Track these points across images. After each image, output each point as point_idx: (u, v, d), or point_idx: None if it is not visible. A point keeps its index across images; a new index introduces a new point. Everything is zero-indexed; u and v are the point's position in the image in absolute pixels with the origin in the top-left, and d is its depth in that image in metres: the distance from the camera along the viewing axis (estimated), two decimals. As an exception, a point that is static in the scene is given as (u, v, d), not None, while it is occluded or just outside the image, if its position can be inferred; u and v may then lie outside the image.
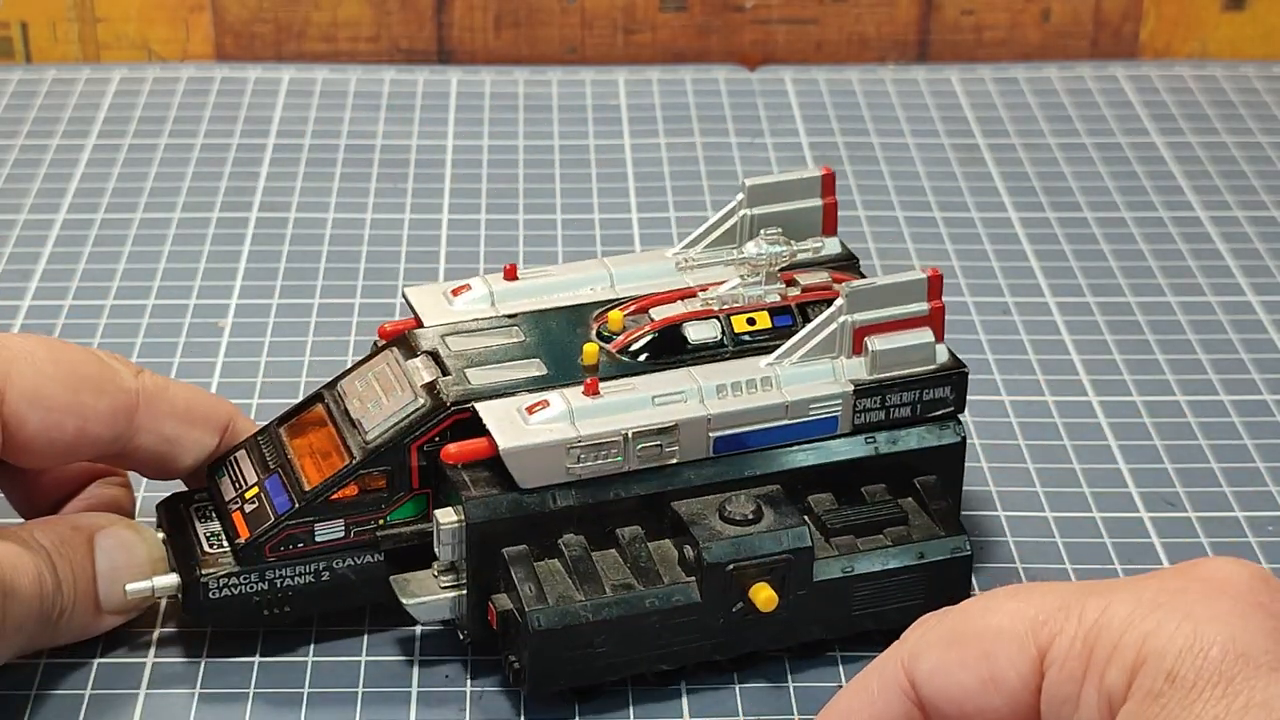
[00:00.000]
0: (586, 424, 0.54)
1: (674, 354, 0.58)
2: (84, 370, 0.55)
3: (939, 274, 0.57)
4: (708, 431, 0.55)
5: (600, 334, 0.58)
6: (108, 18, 0.96)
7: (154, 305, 0.76)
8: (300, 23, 0.97)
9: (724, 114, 0.92)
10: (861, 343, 0.57)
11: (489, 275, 0.61)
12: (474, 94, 0.94)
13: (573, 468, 0.54)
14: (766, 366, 0.57)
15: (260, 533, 0.55)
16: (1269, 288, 0.78)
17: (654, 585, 0.54)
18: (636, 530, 0.55)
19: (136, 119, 0.91)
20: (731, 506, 0.55)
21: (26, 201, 0.83)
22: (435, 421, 0.55)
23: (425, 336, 0.58)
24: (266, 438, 0.58)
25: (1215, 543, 0.62)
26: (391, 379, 0.57)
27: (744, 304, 0.59)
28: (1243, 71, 0.97)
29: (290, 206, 0.83)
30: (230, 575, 0.55)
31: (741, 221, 0.62)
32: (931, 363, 0.58)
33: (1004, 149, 0.89)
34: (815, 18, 0.98)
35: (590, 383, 0.55)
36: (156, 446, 0.57)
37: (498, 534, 0.54)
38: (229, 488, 0.57)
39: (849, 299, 0.56)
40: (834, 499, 0.57)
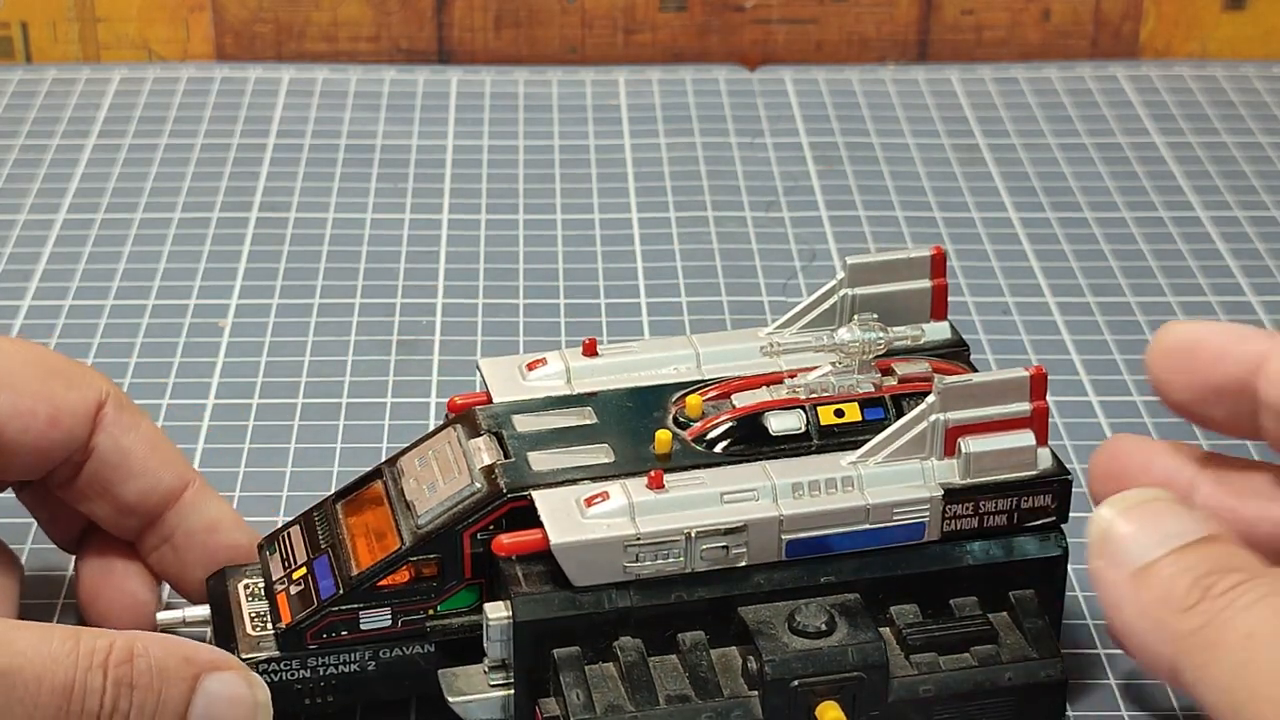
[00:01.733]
0: (647, 520, 0.51)
1: (754, 444, 0.53)
2: (53, 362, 0.54)
3: (1043, 372, 0.53)
4: (780, 533, 0.51)
5: (677, 420, 0.55)
6: (108, 18, 0.96)
7: (154, 305, 0.76)
8: (300, 23, 0.97)
9: (724, 114, 0.92)
10: (954, 444, 0.52)
11: (567, 350, 0.57)
12: (474, 94, 0.94)
13: (630, 566, 0.51)
14: (849, 465, 0.52)
15: (302, 618, 0.52)
16: (1269, 288, 0.78)
17: (712, 699, 0.50)
18: (699, 636, 0.51)
19: (136, 119, 0.91)
20: (802, 616, 0.51)
21: (26, 201, 0.83)
22: (490, 509, 0.52)
23: (491, 414, 0.55)
24: (322, 514, 0.55)
25: (1215, 543, 0.62)
26: (450, 459, 0.54)
27: (833, 394, 0.55)
28: (1243, 71, 0.97)
29: (290, 206, 0.83)
30: (270, 660, 0.52)
31: (841, 302, 0.57)
32: (1032, 468, 0.53)
33: (1004, 149, 0.89)
34: (815, 18, 0.98)
35: (655, 475, 0.51)
36: (110, 455, 0.54)
37: (548, 633, 0.51)
38: (278, 566, 0.54)
39: (941, 396, 0.52)
40: (919, 611, 0.53)
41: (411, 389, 0.70)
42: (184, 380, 0.71)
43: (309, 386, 0.71)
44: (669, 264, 0.79)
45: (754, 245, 0.81)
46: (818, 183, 0.86)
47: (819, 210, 0.83)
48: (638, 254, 0.80)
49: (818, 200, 0.84)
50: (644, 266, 0.79)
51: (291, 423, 0.68)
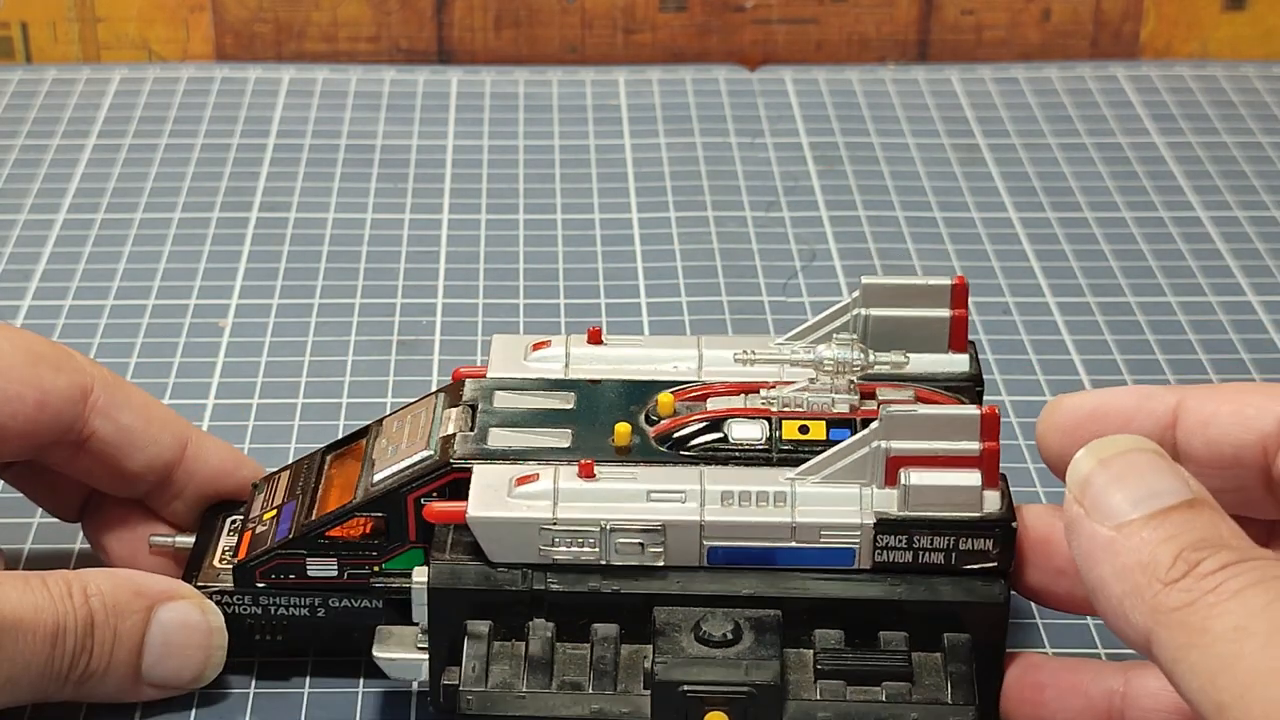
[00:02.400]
0: (567, 507, 0.51)
1: (713, 450, 0.53)
2: (40, 348, 0.55)
3: (995, 413, 0.51)
4: (700, 539, 0.51)
5: (649, 417, 0.54)
6: (108, 18, 0.96)
7: (154, 305, 0.76)
8: (300, 23, 0.97)
9: (724, 114, 0.92)
10: (896, 473, 0.51)
11: (574, 337, 0.58)
12: (474, 94, 0.94)
13: (546, 550, 0.51)
14: (785, 480, 0.51)
15: (253, 557, 0.55)
16: (1269, 288, 0.78)
17: (605, 691, 0.50)
18: (612, 629, 0.51)
19: (136, 119, 0.91)
20: (707, 625, 0.50)
21: (26, 201, 0.83)
22: (435, 476, 0.53)
23: (478, 387, 0.56)
24: (310, 463, 0.57)
25: (1215, 543, 0.62)
26: (420, 426, 0.55)
27: (805, 410, 0.53)
28: (1243, 71, 0.97)
29: (290, 206, 0.83)
30: (223, 593, 0.55)
31: (854, 320, 0.56)
32: (976, 509, 0.51)
33: (1004, 149, 0.89)
34: (815, 18, 0.98)
35: (585, 464, 0.52)
36: (112, 437, 0.56)
37: (463, 604, 0.51)
38: (257, 505, 0.57)
39: (885, 423, 0.51)
40: (843, 638, 0.51)
41: (411, 389, 0.70)
42: (184, 380, 0.71)
43: (309, 386, 0.71)
44: (669, 264, 0.79)
45: (754, 245, 0.81)
46: (818, 183, 0.86)
47: (819, 210, 0.83)
48: (638, 254, 0.80)
49: (818, 200, 0.84)
50: (644, 266, 0.79)
51: (292, 423, 0.68)
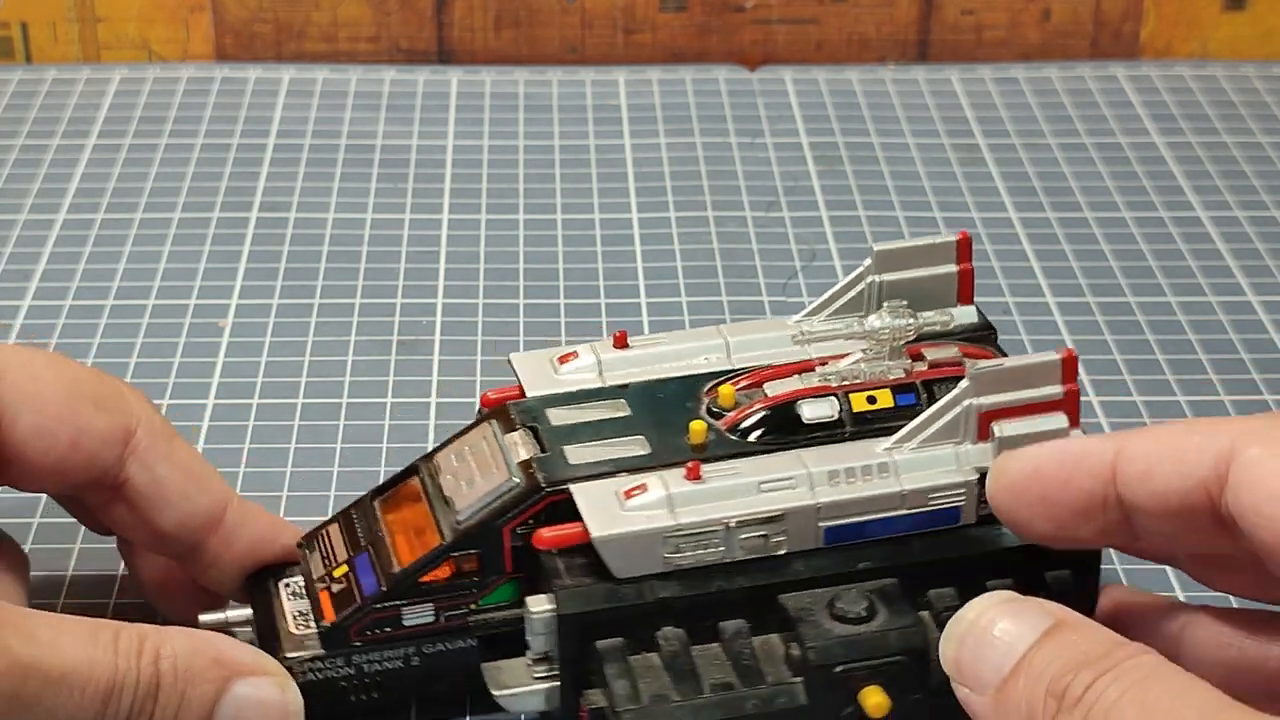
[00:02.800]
0: (686, 511, 0.51)
1: (787, 433, 0.54)
2: (84, 385, 0.53)
3: (1074, 355, 0.52)
4: (817, 521, 0.52)
5: (710, 410, 0.55)
6: (108, 18, 0.96)
7: (154, 305, 0.76)
8: (300, 23, 0.97)
9: (724, 114, 0.92)
10: (988, 428, 0.52)
11: (598, 343, 0.58)
12: (474, 94, 0.94)
13: (671, 557, 0.51)
14: (884, 451, 0.53)
15: (346, 616, 0.52)
16: (1269, 288, 0.78)
17: (756, 686, 0.50)
18: (740, 624, 0.51)
19: (136, 119, 0.91)
20: (842, 603, 0.51)
21: (26, 201, 0.83)
22: (530, 504, 0.52)
23: (525, 408, 0.55)
24: (360, 511, 0.55)
25: (1215, 543, 0.62)
26: (487, 454, 0.54)
27: (865, 380, 0.55)
28: (1243, 71, 0.97)
29: (290, 206, 0.83)
30: (315, 659, 0.52)
31: (869, 289, 0.57)
32: None
33: (1004, 149, 0.89)
34: (815, 18, 0.98)
35: (692, 466, 0.52)
36: (146, 488, 0.53)
37: (591, 625, 0.51)
38: (318, 564, 0.54)
39: (975, 381, 0.52)
40: (956, 594, 0.52)
41: (411, 389, 0.70)
42: (184, 380, 0.71)
43: (309, 386, 0.71)
44: (669, 264, 0.79)
45: (754, 245, 0.81)
46: (818, 183, 0.86)
47: (819, 210, 0.83)
48: (638, 254, 0.80)
49: (818, 200, 0.84)
50: (644, 266, 0.79)
51: (291, 423, 0.68)
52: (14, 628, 0.46)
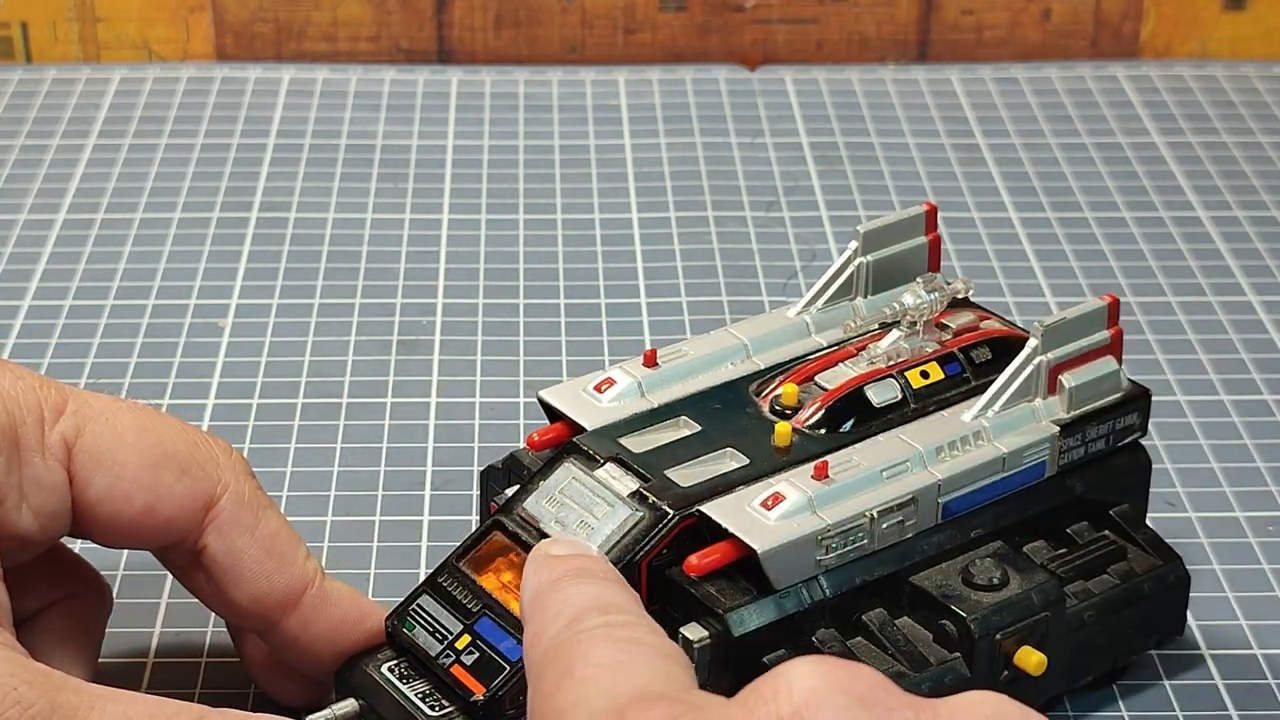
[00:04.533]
0: (830, 510, 0.51)
1: (861, 420, 0.55)
2: (170, 446, 0.50)
3: (1116, 299, 0.56)
4: (938, 498, 0.53)
5: (774, 409, 0.55)
6: (108, 18, 0.96)
7: (154, 305, 0.76)
8: (300, 23, 0.97)
9: (724, 114, 0.92)
10: (1055, 381, 0.55)
11: (628, 364, 0.57)
12: (474, 94, 0.94)
13: (822, 559, 0.51)
14: (972, 420, 0.54)
15: (499, 684, 0.50)
16: (1269, 288, 0.78)
17: (923, 669, 0.51)
18: (882, 613, 0.52)
19: (136, 119, 0.91)
20: (976, 572, 0.52)
21: (26, 201, 0.83)
22: (662, 532, 0.51)
23: (598, 442, 0.54)
24: (450, 578, 0.52)
25: (1215, 543, 0.62)
26: (588, 493, 0.53)
27: (910, 357, 0.56)
28: (1243, 71, 0.97)
29: (290, 206, 0.83)
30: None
31: (858, 270, 0.60)
32: (1119, 390, 0.56)
33: (1004, 149, 0.89)
34: (815, 18, 0.98)
35: (820, 466, 0.52)
36: (221, 558, 0.51)
37: (760, 643, 0.50)
38: (430, 640, 0.51)
39: (1044, 337, 0.54)
40: (1048, 545, 0.55)
41: (411, 389, 0.70)
42: (184, 380, 0.71)
43: (309, 386, 0.71)
44: (669, 264, 0.79)
45: (754, 245, 0.81)
46: (818, 183, 0.86)
47: (819, 210, 0.83)
48: (638, 254, 0.80)
49: (818, 200, 0.84)
50: (644, 266, 0.79)
51: (291, 423, 0.68)
52: (67, 716, 0.44)
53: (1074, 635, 0.53)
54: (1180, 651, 0.58)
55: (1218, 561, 0.62)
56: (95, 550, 0.54)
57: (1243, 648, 0.58)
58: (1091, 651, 0.54)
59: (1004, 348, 0.57)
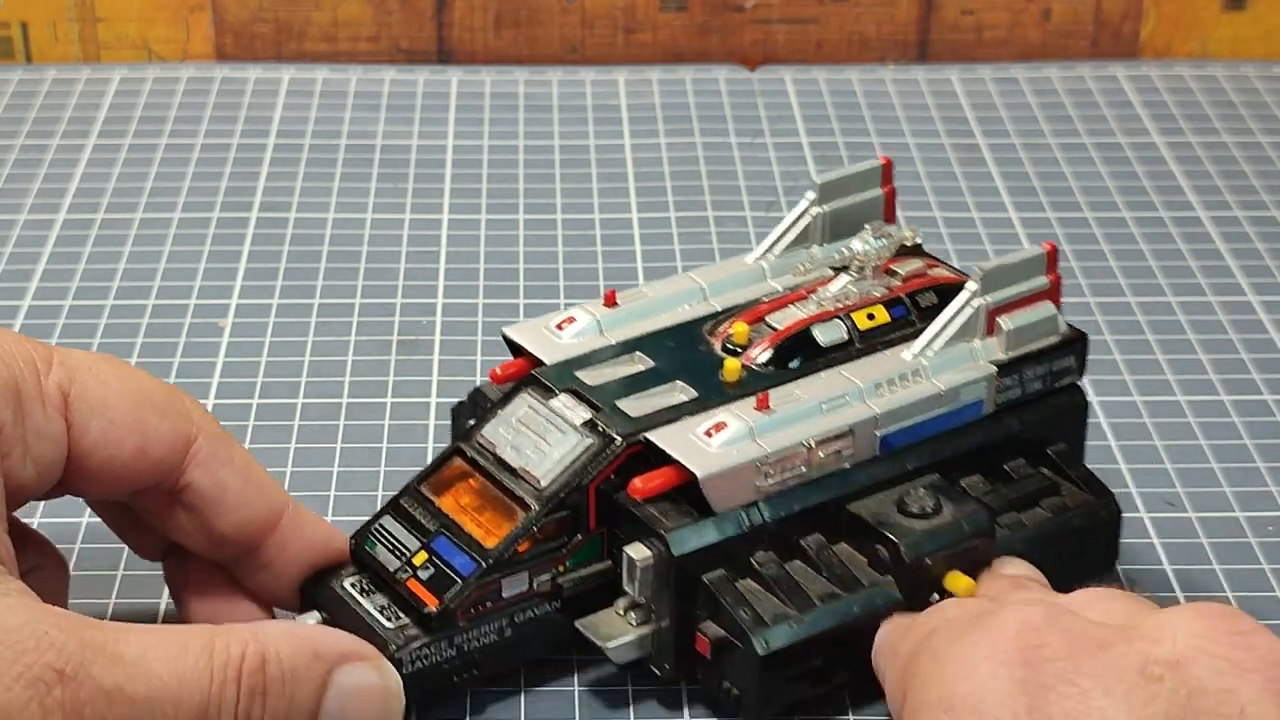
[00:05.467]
0: (769, 439, 0.54)
1: (808, 357, 0.57)
2: (147, 391, 0.53)
3: (1055, 247, 0.59)
4: (875, 430, 0.56)
5: (725, 348, 0.58)
6: (108, 18, 0.96)
7: (154, 305, 0.76)
8: (300, 23, 0.97)
9: (724, 114, 0.92)
10: (994, 323, 0.58)
11: (589, 304, 0.60)
12: (474, 94, 0.94)
13: (761, 485, 0.54)
14: (912, 358, 0.57)
15: (452, 597, 0.53)
16: (1269, 288, 0.78)
17: (856, 590, 0.54)
18: (820, 538, 0.55)
19: (136, 119, 0.91)
20: (911, 501, 0.55)
21: (26, 201, 0.83)
22: (609, 458, 0.54)
23: (555, 374, 0.57)
24: (411, 500, 0.56)
25: (1215, 543, 0.62)
26: (543, 421, 0.55)
27: (858, 300, 0.59)
28: (1243, 71, 0.97)
29: (290, 206, 0.83)
30: (422, 645, 0.53)
31: (815, 220, 0.62)
32: (1056, 334, 0.59)
33: (1004, 149, 0.89)
34: (815, 18, 0.98)
35: (762, 397, 0.55)
36: (206, 491, 0.53)
37: (698, 562, 0.53)
38: (390, 557, 0.54)
39: (983, 281, 0.57)
40: (984, 479, 0.58)
41: (411, 389, 0.70)
42: (184, 380, 0.71)
43: (309, 386, 0.71)
44: (669, 264, 0.79)
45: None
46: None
47: (819, 210, 0.83)
48: (638, 254, 0.80)
49: (818, 200, 0.84)
50: (644, 266, 0.79)
51: (291, 423, 0.68)
52: (98, 650, 0.46)
53: None
54: (1180, 651, 0.58)
55: (1218, 561, 0.62)
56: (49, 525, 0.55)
57: (1243, 648, 0.58)
58: None
59: (949, 293, 0.59)
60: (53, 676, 0.45)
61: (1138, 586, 0.60)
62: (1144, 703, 0.42)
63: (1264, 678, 0.42)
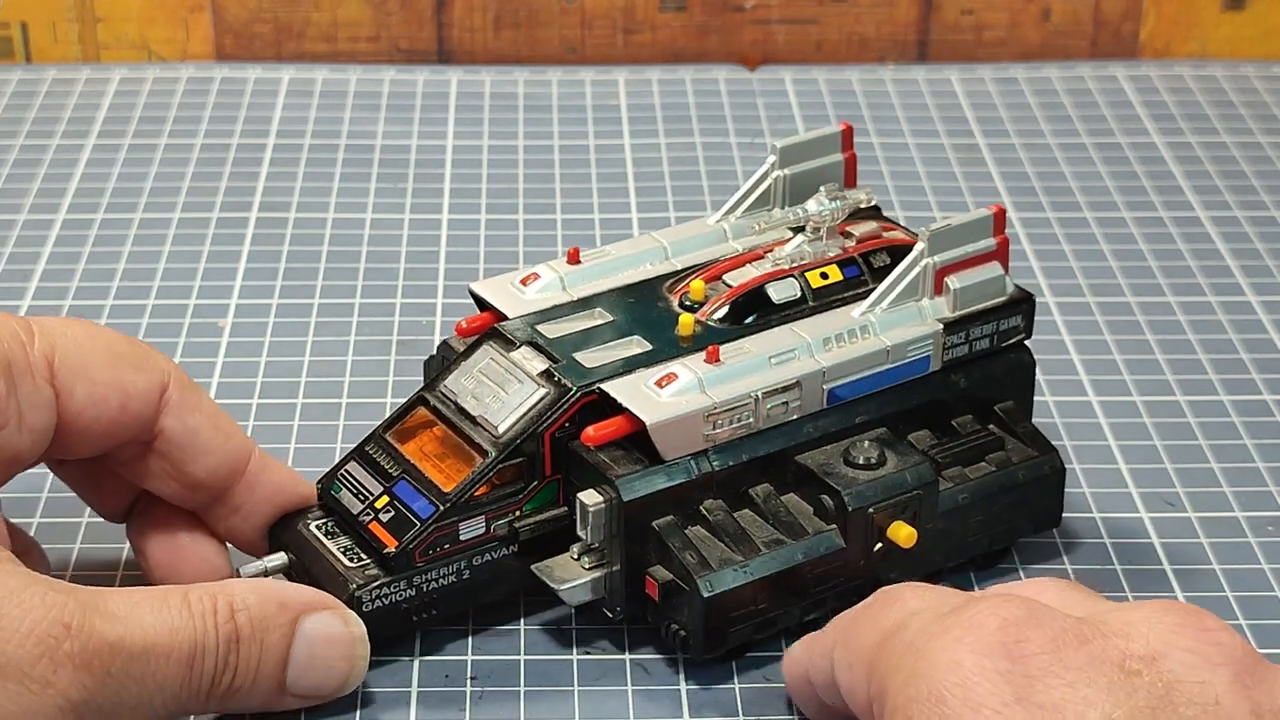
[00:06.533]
0: (718, 390, 0.56)
1: (762, 314, 0.59)
2: (118, 347, 0.55)
3: (1003, 209, 0.60)
4: (822, 384, 0.58)
5: (683, 304, 0.60)
6: (108, 18, 0.96)
7: (154, 305, 0.76)
8: (300, 23, 0.97)
9: (724, 114, 0.92)
10: (942, 283, 0.59)
11: (553, 262, 0.62)
12: (474, 94, 0.94)
13: (710, 434, 0.56)
14: (860, 316, 0.59)
15: (410, 538, 0.55)
16: (1269, 288, 0.78)
17: (801, 538, 0.56)
18: (768, 488, 0.57)
19: (136, 119, 0.91)
20: (856, 453, 0.57)
21: (26, 201, 0.83)
22: (564, 407, 0.56)
23: (516, 328, 0.59)
24: (376, 446, 0.58)
25: (1215, 543, 0.62)
26: (502, 372, 0.58)
27: (812, 260, 0.61)
28: (1243, 71, 0.97)
29: (290, 206, 0.83)
30: (381, 585, 0.55)
31: (775, 183, 0.64)
32: (1003, 294, 0.60)
33: (1004, 149, 0.89)
34: (815, 18, 0.98)
35: (712, 350, 0.57)
36: (180, 438, 0.55)
37: (648, 508, 0.55)
38: (354, 500, 0.57)
39: (930, 241, 0.59)
40: (931, 434, 0.59)
41: (411, 389, 0.70)
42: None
43: (309, 386, 0.71)
44: (669, 264, 0.79)
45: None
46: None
47: (819, 210, 0.83)
48: (638, 254, 0.80)
49: (818, 200, 0.84)
50: (644, 266, 0.79)
51: (291, 423, 0.68)
52: (94, 608, 0.49)
53: (949, 516, 0.58)
54: (1180, 651, 0.58)
55: (1218, 561, 0.62)
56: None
57: (1243, 648, 0.58)
58: (968, 533, 0.59)
59: (902, 254, 0.60)
60: (60, 631, 0.48)
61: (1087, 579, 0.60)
62: (1127, 695, 0.43)
63: (1232, 671, 0.44)
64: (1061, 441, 0.67)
